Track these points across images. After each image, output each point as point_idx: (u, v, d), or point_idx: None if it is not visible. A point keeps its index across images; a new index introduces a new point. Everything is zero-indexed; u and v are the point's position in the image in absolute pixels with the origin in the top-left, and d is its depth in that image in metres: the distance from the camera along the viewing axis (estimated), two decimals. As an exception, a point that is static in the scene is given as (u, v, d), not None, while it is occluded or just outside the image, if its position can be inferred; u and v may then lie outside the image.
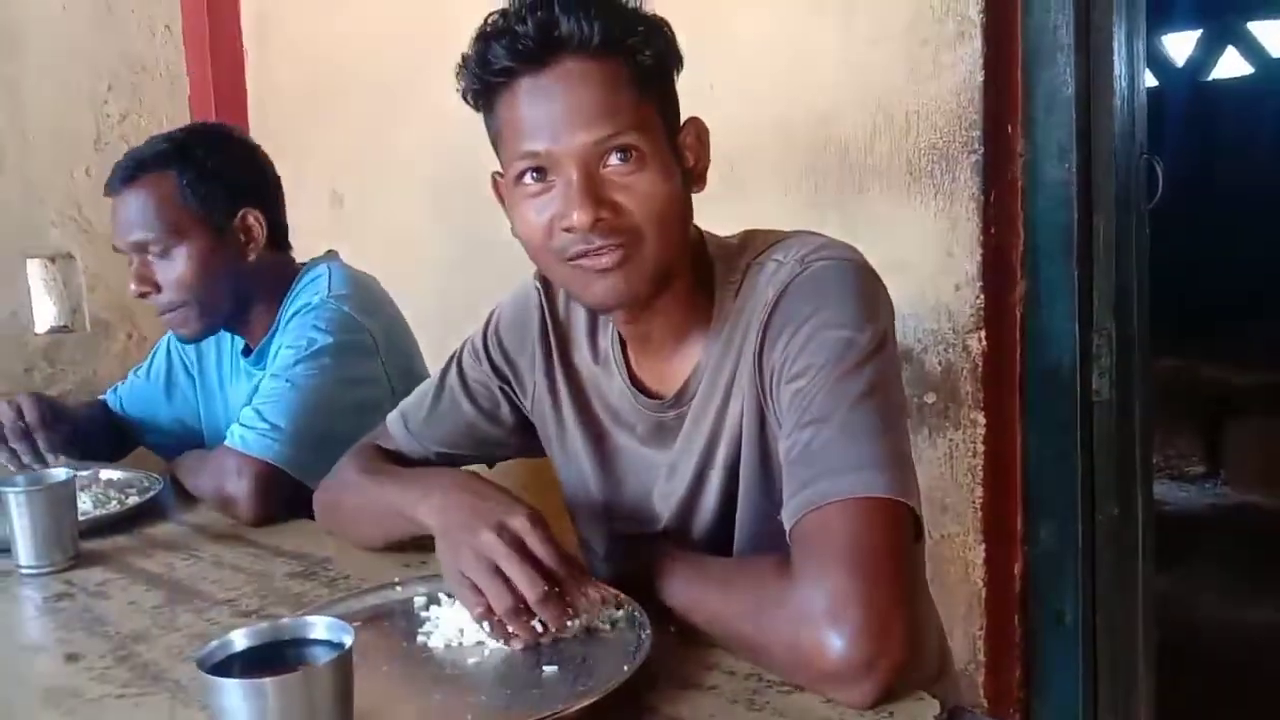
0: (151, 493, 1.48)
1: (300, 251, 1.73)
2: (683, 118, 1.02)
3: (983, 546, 1.69)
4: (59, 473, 1.28)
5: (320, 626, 0.67)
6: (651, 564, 1.01)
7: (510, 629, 0.90)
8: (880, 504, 0.85)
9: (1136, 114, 1.73)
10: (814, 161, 1.77)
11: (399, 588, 1.05)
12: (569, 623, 0.92)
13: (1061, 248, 1.62)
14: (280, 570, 1.21)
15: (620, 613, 0.97)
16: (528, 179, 0.94)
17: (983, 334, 1.63)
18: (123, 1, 2.70)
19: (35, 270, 2.67)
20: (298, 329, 1.49)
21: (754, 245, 1.04)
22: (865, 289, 0.97)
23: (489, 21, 0.94)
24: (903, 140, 1.66)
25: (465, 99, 0.98)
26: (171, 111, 2.77)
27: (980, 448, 1.66)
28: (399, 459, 1.22)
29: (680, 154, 0.99)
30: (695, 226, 1.06)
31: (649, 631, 0.91)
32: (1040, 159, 1.62)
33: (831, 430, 0.89)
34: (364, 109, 2.56)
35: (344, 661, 0.62)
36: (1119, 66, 1.63)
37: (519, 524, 0.92)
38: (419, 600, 1.02)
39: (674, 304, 1.02)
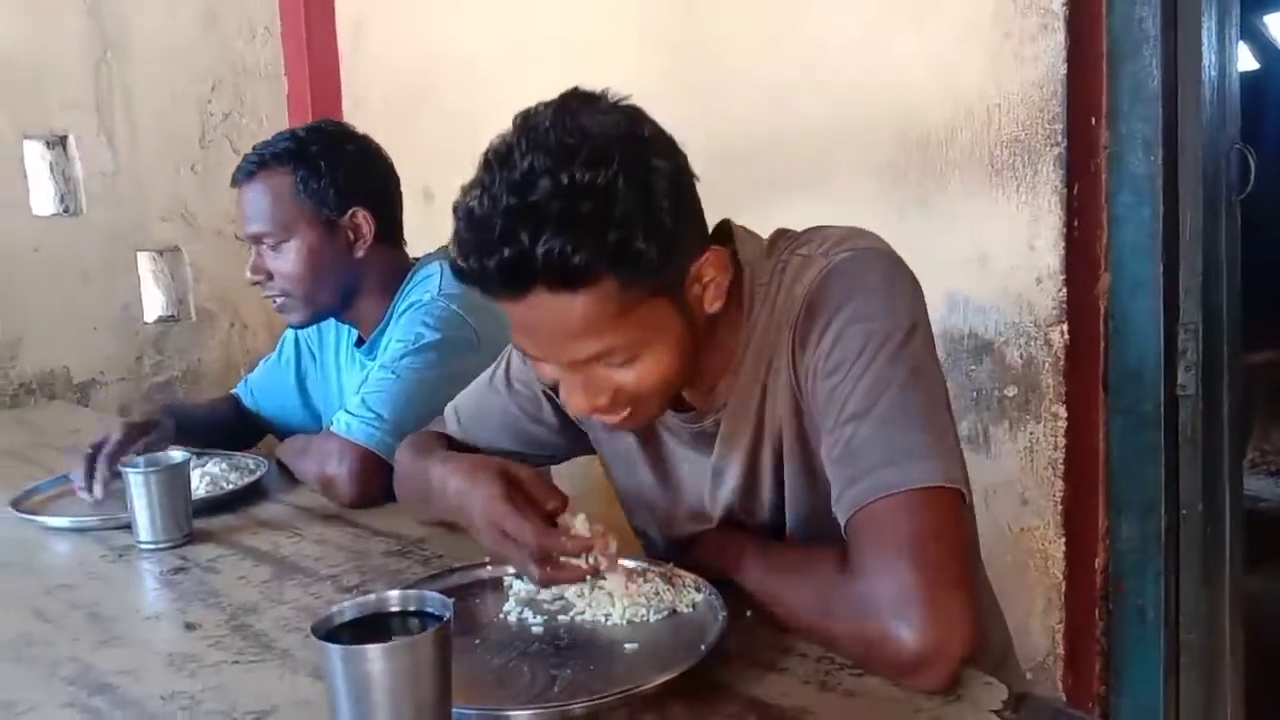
0: (257, 475, 1.57)
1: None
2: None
3: (1063, 540, 1.69)
4: (176, 455, 1.37)
5: (424, 600, 0.72)
6: (725, 553, 1.04)
7: (540, 579, 0.97)
8: (928, 493, 0.87)
9: (1228, 104, 1.71)
10: (895, 155, 1.78)
11: (489, 567, 1.10)
12: (651, 609, 0.98)
13: (1146, 241, 1.61)
14: (378, 549, 1.28)
15: (700, 596, 1.01)
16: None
17: (1065, 327, 1.63)
18: (224, 6, 2.83)
19: (145, 263, 2.82)
20: (408, 324, 1.56)
21: (780, 244, 1.04)
22: (892, 278, 0.97)
23: (460, 235, 0.86)
24: (984, 133, 1.66)
25: None
26: (271, 110, 2.89)
27: (1061, 441, 1.66)
28: (450, 442, 1.26)
29: (690, 302, 0.95)
30: (724, 227, 1.05)
31: (725, 615, 0.95)
32: (1125, 152, 1.61)
33: (872, 424, 0.90)
34: (454, 106, 2.63)
35: (444, 633, 0.68)
36: (1208, 56, 1.61)
37: (520, 475, 1.01)
38: (507, 579, 1.07)
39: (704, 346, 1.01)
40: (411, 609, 0.72)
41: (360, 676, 0.65)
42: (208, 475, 1.57)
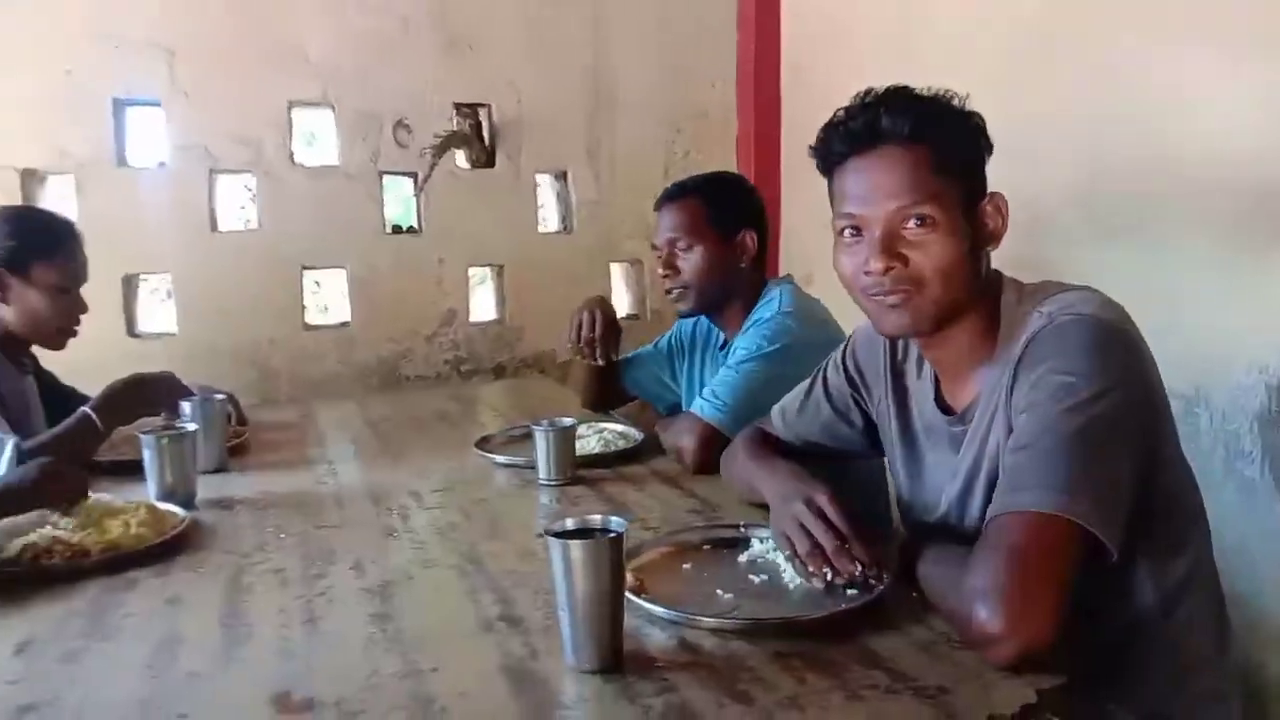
0: (633, 443, 2.07)
1: (792, 267, 2.23)
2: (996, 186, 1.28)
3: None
4: (566, 420, 1.89)
5: (613, 522, 1.11)
6: (915, 547, 1.30)
7: (811, 568, 1.26)
8: (1047, 518, 1.07)
9: None
10: (1228, 209, 1.79)
11: (742, 528, 1.46)
12: (856, 570, 1.25)
13: None
14: (683, 506, 1.69)
15: (887, 576, 1.28)
16: (846, 235, 1.29)
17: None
18: (691, 61, 3.41)
19: (616, 271, 3.50)
20: (752, 335, 2.03)
21: (1036, 295, 1.26)
22: (1098, 345, 1.16)
23: (835, 116, 1.29)
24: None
25: (818, 169, 1.34)
26: (722, 151, 3.42)
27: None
28: (776, 442, 1.64)
29: (977, 222, 1.26)
30: (997, 275, 1.31)
31: (882, 588, 1.22)
32: None
33: (1030, 455, 1.12)
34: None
35: (616, 541, 1.06)
36: None
37: (821, 499, 1.30)
38: (752, 539, 1.42)
39: (961, 337, 1.29)
40: (612, 527, 1.11)
41: (564, 560, 1.05)
42: (603, 439, 2.10)
